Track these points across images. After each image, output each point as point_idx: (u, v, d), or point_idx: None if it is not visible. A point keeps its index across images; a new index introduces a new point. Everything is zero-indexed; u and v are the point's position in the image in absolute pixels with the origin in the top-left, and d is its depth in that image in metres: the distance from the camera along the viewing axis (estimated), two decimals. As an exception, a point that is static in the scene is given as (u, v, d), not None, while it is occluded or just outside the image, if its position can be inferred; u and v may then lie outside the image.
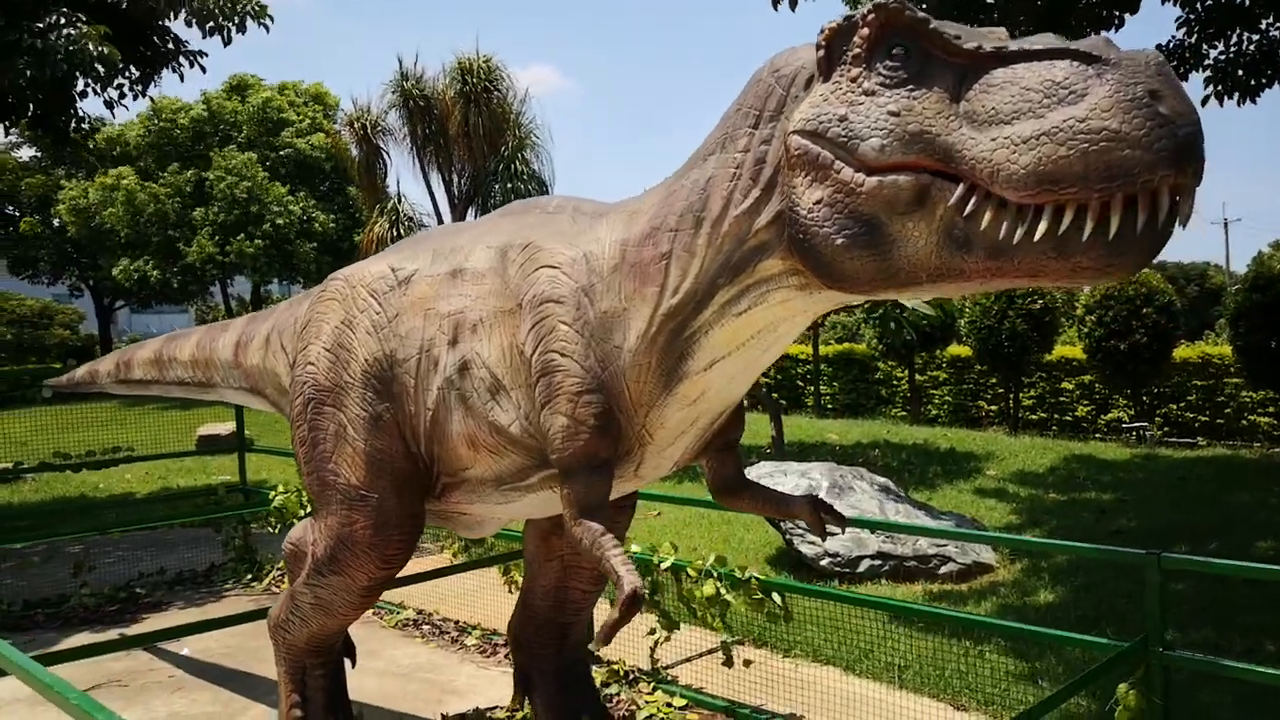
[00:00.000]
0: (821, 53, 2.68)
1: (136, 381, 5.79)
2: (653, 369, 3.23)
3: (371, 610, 7.88)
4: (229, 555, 9.20)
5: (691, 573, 5.57)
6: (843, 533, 3.95)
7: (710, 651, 6.47)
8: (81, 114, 12.86)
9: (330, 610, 4.17)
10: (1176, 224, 2.21)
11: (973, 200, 2.33)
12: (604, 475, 3.33)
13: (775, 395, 23.95)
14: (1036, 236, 2.22)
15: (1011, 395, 19.93)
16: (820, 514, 3.66)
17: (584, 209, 3.69)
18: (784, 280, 2.88)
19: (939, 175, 2.40)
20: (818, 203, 2.60)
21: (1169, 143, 2.08)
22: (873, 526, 6.09)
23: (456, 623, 7.39)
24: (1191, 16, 10.76)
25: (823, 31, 2.69)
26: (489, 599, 7.31)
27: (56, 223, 34.61)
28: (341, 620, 4.28)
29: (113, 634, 7.48)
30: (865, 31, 2.56)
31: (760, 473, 9.51)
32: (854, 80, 2.58)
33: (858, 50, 2.58)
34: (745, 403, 3.70)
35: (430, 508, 4.10)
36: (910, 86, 2.47)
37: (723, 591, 5.41)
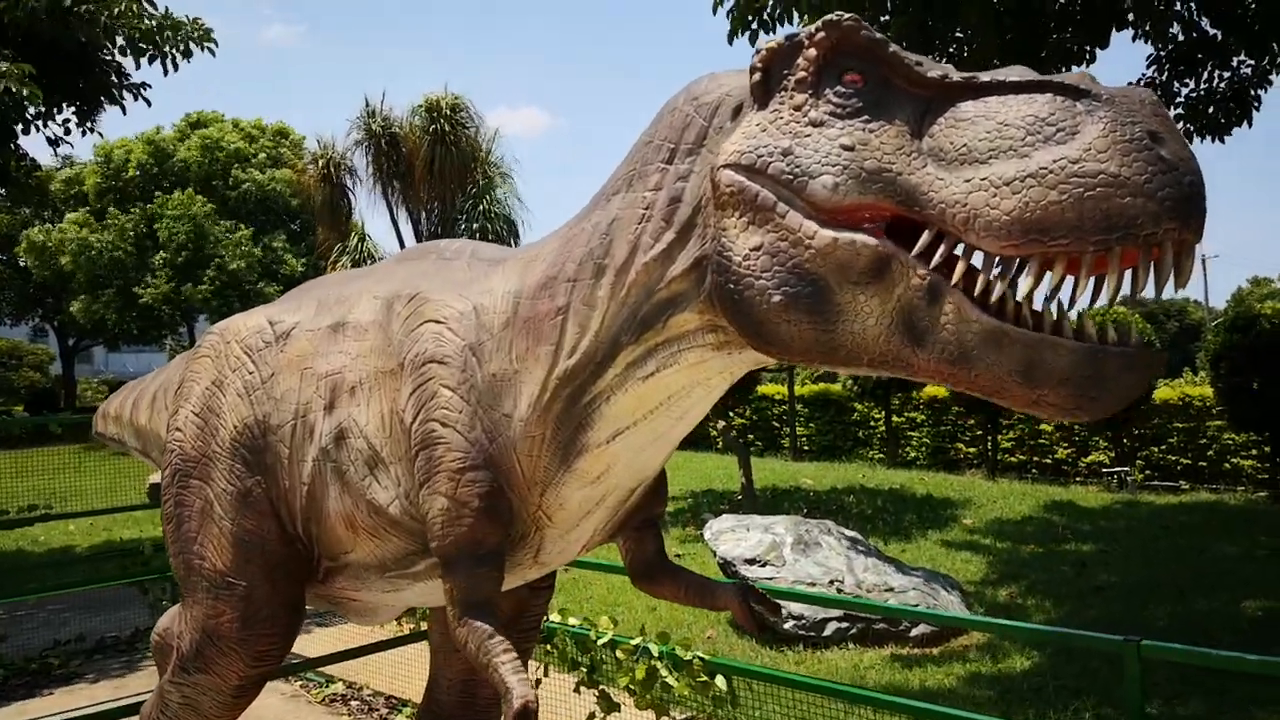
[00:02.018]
0: (758, 76, 2.26)
1: (103, 435, 5.22)
2: (547, 441, 2.74)
3: (299, 682, 7.35)
4: (155, 619, 8.62)
5: (621, 655, 5.04)
6: (781, 621, 3.45)
7: (658, 732, 5.95)
8: (22, 152, 12.41)
9: (201, 712, 3.64)
10: (1160, 365, 1.95)
11: (941, 249, 1.95)
12: (491, 566, 2.83)
13: (750, 437, 23.53)
14: (1020, 294, 1.89)
15: (990, 437, 19.52)
16: (750, 604, 3.17)
17: (482, 254, 3.23)
18: (699, 338, 2.43)
19: (901, 240, 2.01)
20: (756, 249, 2.18)
21: (1174, 191, 1.76)
22: (828, 603, 5.60)
23: (387, 698, 6.85)
24: (1163, 53, 10.49)
25: (759, 52, 2.27)
26: (424, 670, 6.76)
27: (22, 263, 33.98)
28: None
29: (12, 710, 6.98)
30: (812, 53, 2.16)
31: (721, 528, 9.01)
32: (798, 109, 2.18)
33: (803, 74, 2.18)
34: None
35: (316, 592, 3.59)
36: (865, 118, 2.09)
37: (663, 673, 4.89)
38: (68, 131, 11.65)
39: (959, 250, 1.97)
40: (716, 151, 2.32)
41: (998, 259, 1.88)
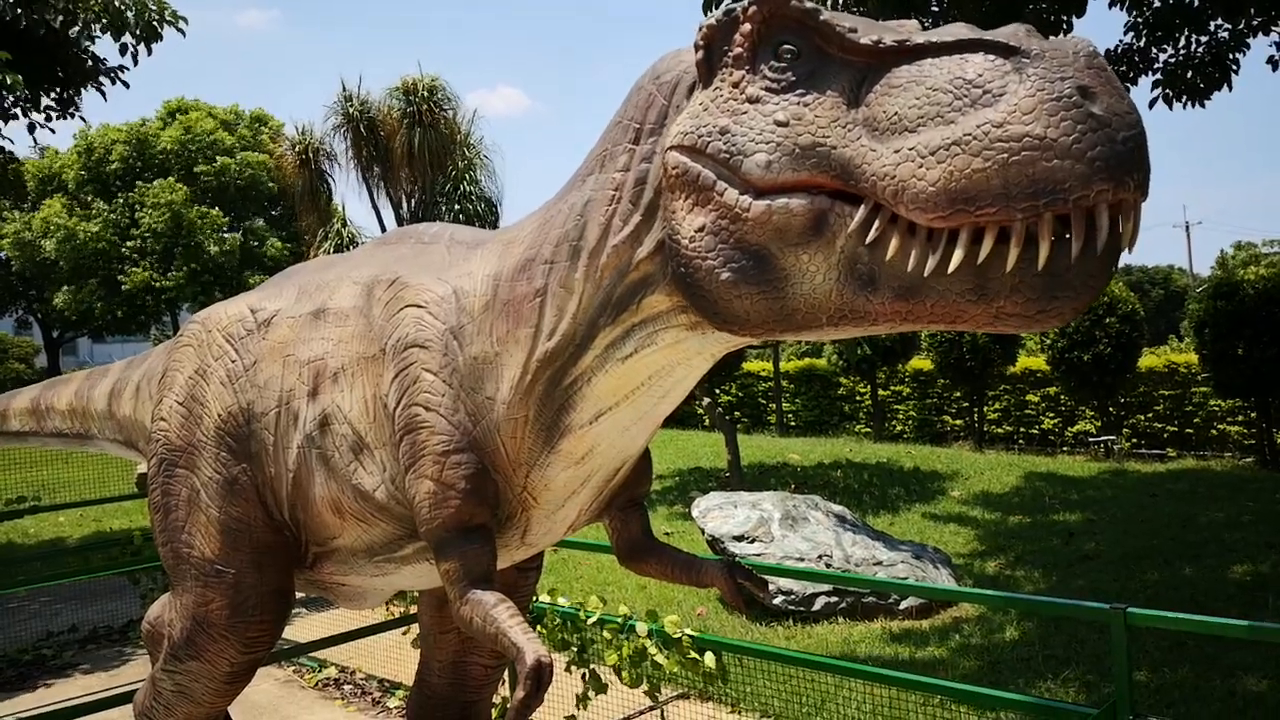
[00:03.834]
0: (700, 54, 2.24)
1: (14, 434, 5.24)
2: (530, 423, 2.75)
3: (293, 668, 7.37)
4: (146, 609, 8.63)
5: (609, 634, 5.06)
6: (769, 596, 3.47)
7: (650, 709, 5.99)
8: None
9: (194, 699, 3.66)
10: (1120, 252, 1.78)
11: (876, 224, 1.90)
12: (483, 541, 2.84)
13: (736, 414, 23.57)
14: (951, 268, 1.79)
15: (976, 409, 19.59)
16: (736, 580, 3.18)
17: (461, 237, 3.22)
18: (672, 319, 2.42)
19: (838, 196, 1.97)
20: (700, 230, 2.17)
21: (1105, 150, 1.66)
22: (817, 578, 5.62)
23: (381, 681, 6.87)
24: (1140, 20, 10.48)
25: (701, 29, 2.25)
26: (416, 653, 6.79)
27: (3, 255, 33.71)
28: (209, 708, 3.75)
29: (7, 701, 6.99)
30: (747, 28, 2.13)
31: (709, 505, 9.03)
32: (736, 85, 2.15)
33: (740, 50, 2.15)
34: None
35: (305, 578, 3.60)
36: (801, 91, 2.05)
37: (651, 651, 4.91)
38: (49, 119, 11.56)
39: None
40: (670, 131, 2.31)
41: (928, 230, 1.83)
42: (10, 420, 5.15)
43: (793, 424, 23.18)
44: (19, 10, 8.97)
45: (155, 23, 10.33)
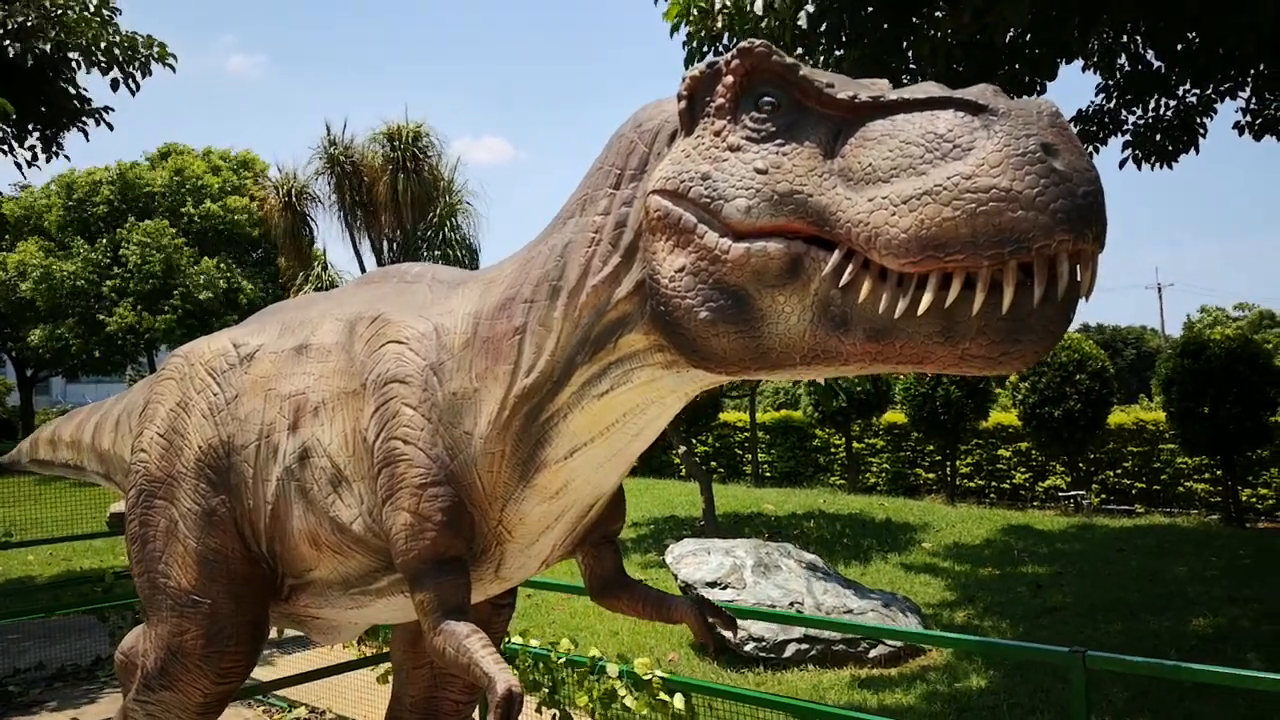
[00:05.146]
0: (683, 104, 2.35)
1: (42, 461, 5.23)
2: (506, 457, 2.82)
3: (263, 707, 7.34)
4: (116, 647, 8.56)
5: (578, 676, 5.10)
6: (734, 636, 3.54)
7: (619, 752, 6.00)
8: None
9: (166, 730, 3.67)
10: (1079, 300, 1.89)
11: (849, 269, 2.00)
12: (457, 574, 2.90)
13: (712, 464, 23.62)
14: (920, 311, 1.89)
15: (948, 463, 19.72)
16: (705, 617, 3.25)
17: (443, 277, 3.31)
18: (649, 358, 2.51)
19: (813, 241, 2.08)
20: (680, 270, 2.26)
21: (1066, 203, 1.77)
22: (789, 621, 5.69)
23: (350, 722, 6.85)
24: (1110, 83, 10.77)
25: (685, 80, 2.36)
26: (388, 692, 6.78)
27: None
28: None
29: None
30: (729, 80, 2.24)
31: (683, 551, 9.08)
32: (718, 134, 2.26)
33: (722, 101, 2.26)
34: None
35: (280, 611, 3.64)
36: (780, 141, 2.15)
37: (621, 692, 4.95)
38: (35, 158, 11.59)
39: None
40: (652, 176, 2.41)
41: (899, 275, 1.92)
42: (39, 448, 5.13)
43: (768, 474, 23.24)
44: (5, 41, 9.01)
45: (145, 58, 10.41)
